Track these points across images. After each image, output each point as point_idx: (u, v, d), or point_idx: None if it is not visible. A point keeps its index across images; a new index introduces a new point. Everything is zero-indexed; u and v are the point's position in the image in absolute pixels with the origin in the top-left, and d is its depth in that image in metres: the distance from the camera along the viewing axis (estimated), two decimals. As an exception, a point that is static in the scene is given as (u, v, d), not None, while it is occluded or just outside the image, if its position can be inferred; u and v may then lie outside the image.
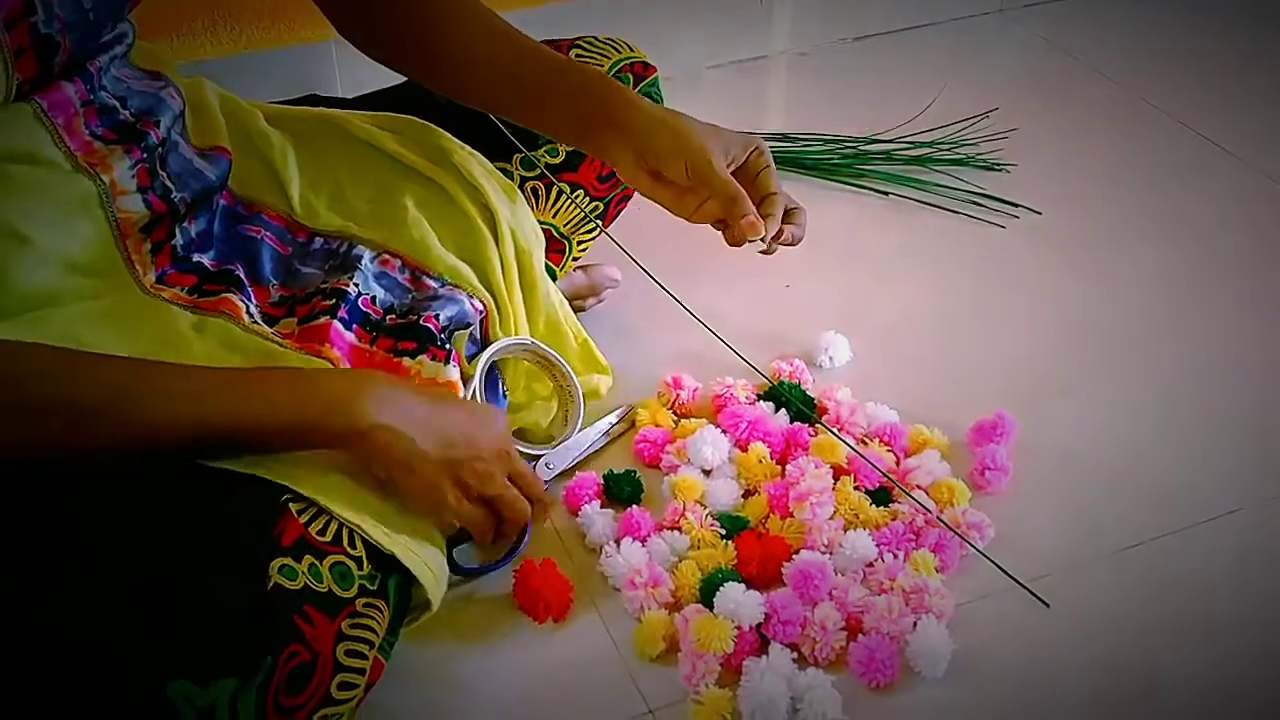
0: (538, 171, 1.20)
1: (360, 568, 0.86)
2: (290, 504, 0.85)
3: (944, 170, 1.65)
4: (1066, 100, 1.86)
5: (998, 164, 1.67)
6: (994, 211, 1.58)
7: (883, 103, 1.80)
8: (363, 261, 1.07)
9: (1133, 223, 1.57)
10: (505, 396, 1.17)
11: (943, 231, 1.55)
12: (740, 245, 1.03)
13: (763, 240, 1.02)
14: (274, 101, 1.17)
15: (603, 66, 1.19)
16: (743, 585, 1.00)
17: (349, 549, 0.86)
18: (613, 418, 1.23)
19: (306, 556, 0.82)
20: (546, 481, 1.14)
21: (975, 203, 1.59)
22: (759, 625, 0.98)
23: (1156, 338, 1.36)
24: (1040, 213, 1.57)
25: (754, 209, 1.01)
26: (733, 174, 1.03)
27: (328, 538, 0.85)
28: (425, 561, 0.91)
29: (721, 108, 1.67)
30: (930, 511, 1.08)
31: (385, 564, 0.89)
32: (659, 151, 1.02)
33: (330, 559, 0.84)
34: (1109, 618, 1.03)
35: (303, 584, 0.81)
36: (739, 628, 0.97)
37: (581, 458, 1.19)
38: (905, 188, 1.62)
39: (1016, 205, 1.58)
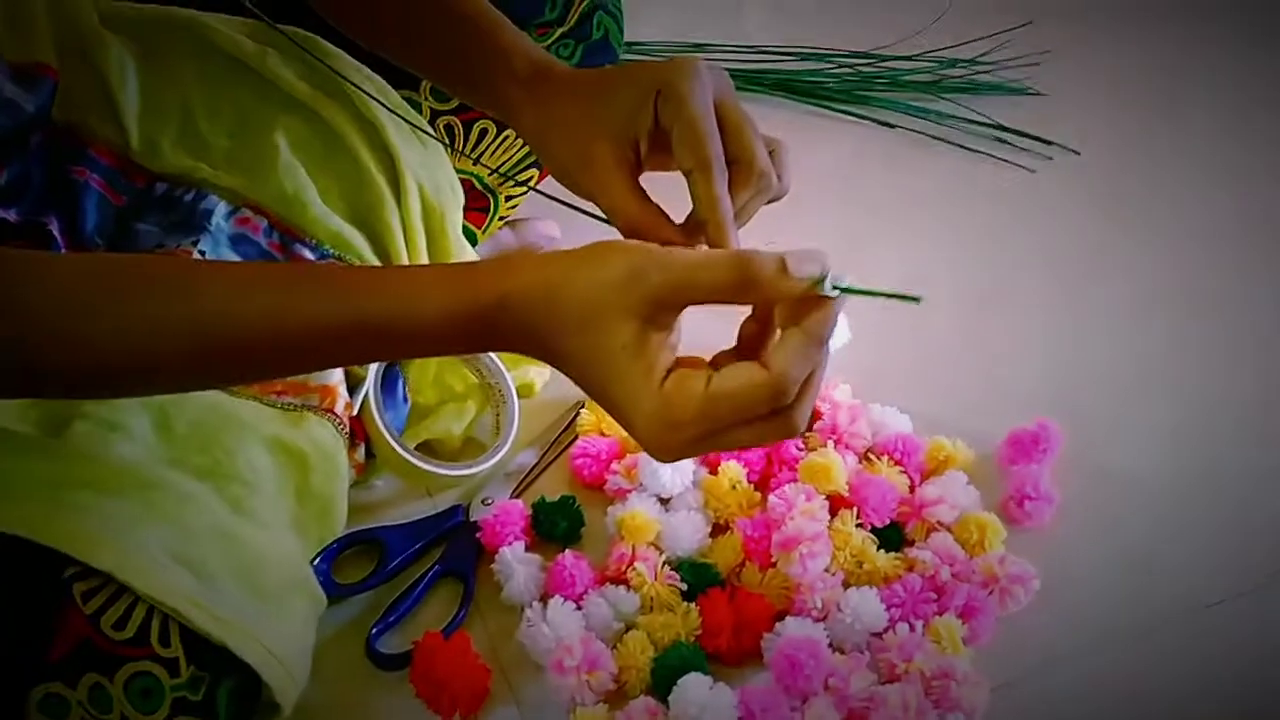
0: (454, 104, 1.02)
1: (175, 673, 0.71)
2: (76, 584, 0.69)
3: (962, 99, 1.53)
4: (1112, 14, 1.71)
5: (1028, 91, 1.55)
6: (1023, 150, 1.46)
7: (888, 11, 1.66)
8: (214, 218, 0.91)
9: (1194, 164, 1.43)
10: (407, 400, 1.00)
11: (960, 175, 1.42)
12: None
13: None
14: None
15: None
16: (709, 679, 0.83)
17: (159, 647, 0.70)
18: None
19: (88, 675, 0.68)
20: (480, 519, 0.96)
21: (1000, 139, 1.47)
22: (730, 733, 0.80)
23: (1236, 312, 1.21)
24: (1079, 152, 1.44)
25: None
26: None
27: (128, 633, 0.70)
28: (271, 649, 0.75)
29: (691, 14, 1.61)
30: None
31: (215, 660, 0.73)
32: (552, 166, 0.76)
33: (127, 670, 0.69)
34: (1187, 696, 0.88)
35: None
36: (703, 739, 0.79)
37: (529, 483, 1.01)
38: (914, 119, 1.50)
39: (1050, 143, 1.46)
